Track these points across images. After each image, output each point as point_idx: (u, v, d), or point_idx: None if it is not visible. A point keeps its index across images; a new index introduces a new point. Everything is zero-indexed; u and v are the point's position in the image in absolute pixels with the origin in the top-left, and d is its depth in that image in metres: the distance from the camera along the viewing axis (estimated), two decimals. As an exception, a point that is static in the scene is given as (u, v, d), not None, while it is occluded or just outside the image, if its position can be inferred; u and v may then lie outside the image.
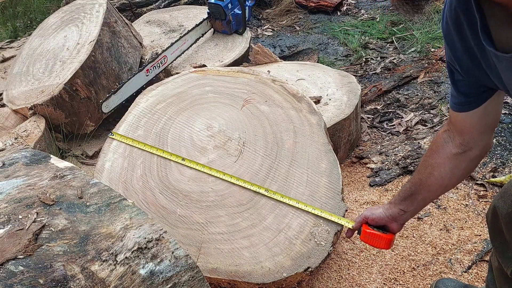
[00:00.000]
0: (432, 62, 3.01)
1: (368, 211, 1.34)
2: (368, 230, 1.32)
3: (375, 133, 2.52)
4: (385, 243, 1.30)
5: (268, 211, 1.54)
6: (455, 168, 1.14)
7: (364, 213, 1.34)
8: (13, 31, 4.20)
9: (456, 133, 1.11)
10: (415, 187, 1.22)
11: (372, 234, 1.31)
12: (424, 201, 1.25)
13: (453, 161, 1.14)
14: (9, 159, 1.23)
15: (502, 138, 2.20)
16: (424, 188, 1.20)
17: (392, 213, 1.27)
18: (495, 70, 0.89)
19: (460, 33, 0.91)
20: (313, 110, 1.80)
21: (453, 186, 1.22)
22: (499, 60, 0.84)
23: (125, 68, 2.66)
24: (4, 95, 2.65)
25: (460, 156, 1.13)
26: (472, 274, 1.65)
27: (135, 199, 1.62)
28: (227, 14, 2.91)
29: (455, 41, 0.94)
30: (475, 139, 1.10)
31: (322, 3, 4.06)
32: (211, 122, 1.81)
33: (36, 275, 0.89)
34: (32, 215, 1.00)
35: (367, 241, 1.33)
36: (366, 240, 1.33)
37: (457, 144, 1.12)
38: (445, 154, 1.14)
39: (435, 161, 1.16)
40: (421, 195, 1.22)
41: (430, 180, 1.18)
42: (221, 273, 1.42)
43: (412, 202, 1.24)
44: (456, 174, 1.16)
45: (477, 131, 1.08)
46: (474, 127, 1.07)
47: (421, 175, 1.20)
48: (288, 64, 2.75)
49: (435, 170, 1.16)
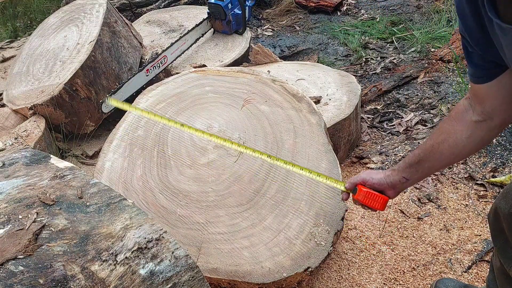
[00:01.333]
0: (432, 62, 3.01)
1: (366, 174, 1.29)
2: (365, 189, 1.28)
3: (375, 133, 2.52)
4: (381, 203, 1.27)
5: (268, 211, 1.54)
6: (472, 136, 1.11)
7: (362, 176, 1.30)
8: (13, 31, 4.20)
9: (477, 102, 1.08)
10: (425, 153, 1.18)
11: (368, 193, 1.27)
12: (429, 170, 1.21)
13: (471, 128, 1.10)
14: (9, 159, 1.23)
15: (502, 138, 2.20)
16: (434, 155, 1.16)
17: (393, 180, 1.24)
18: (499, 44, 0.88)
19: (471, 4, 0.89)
20: (313, 110, 1.80)
21: (464, 156, 1.19)
22: (504, 33, 0.83)
23: (125, 68, 2.66)
24: (4, 95, 2.65)
25: (479, 124, 1.10)
26: (472, 274, 1.65)
27: (135, 199, 1.62)
28: (227, 14, 2.91)
29: (466, 13, 0.92)
30: (495, 109, 1.06)
31: (322, 3, 4.06)
32: (211, 122, 1.80)
33: (36, 275, 0.89)
34: (32, 215, 1.00)
35: (362, 199, 1.28)
36: (361, 198, 1.28)
37: (478, 112, 1.09)
38: (464, 121, 1.11)
39: (452, 127, 1.13)
40: (429, 162, 1.18)
41: (443, 147, 1.14)
42: (221, 273, 1.42)
43: (417, 169, 1.20)
44: (471, 143, 1.12)
45: (498, 102, 1.05)
46: (494, 97, 1.05)
47: (433, 141, 1.16)
48: (288, 64, 2.75)
49: (451, 136, 1.13)
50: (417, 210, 1.95)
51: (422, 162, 1.19)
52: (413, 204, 1.98)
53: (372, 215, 1.93)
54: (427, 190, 2.04)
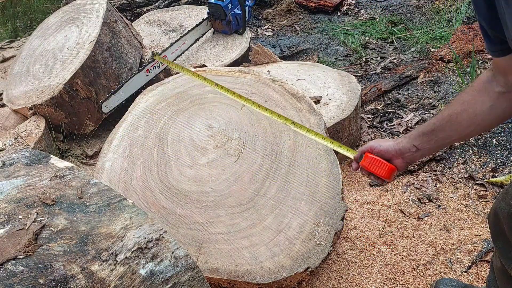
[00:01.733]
0: (432, 62, 3.01)
1: (375, 142, 1.25)
2: (371, 155, 1.22)
3: (375, 133, 2.52)
4: (388, 172, 1.21)
5: (268, 211, 1.54)
6: (494, 107, 1.07)
7: (370, 143, 1.25)
8: (13, 31, 4.20)
9: (499, 73, 1.06)
10: (441, 122, 1.12)
11: (375, 159, 1.22)
12: (443, 141, 1.16)
13: (493, 99, 1.07)
14: (9, 159, 1.23)
15: (502, 138, 2.21)
16: (451, 125, 1.11)
17: (403, 148, 1.18)
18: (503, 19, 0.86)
19: None
20: (313, 110, 1.80)
21: (482, 129, 1.14)
22: (508, 4, 0.82)
23: (125, 68, 2.66)
24: (4, 95, 2.65)
25: (502, 95, 1.06)
26: (472, 274, 1.65)
27: (135, 199, 1.62)
28: (227, 14, 2.91)
29: None
30: None
31: (322, 3, 4.06)
32: (211, 122, 1.81)
33: (36, 275, 0.89)
34: (32, 215, 1.00)
35: (368, 165, 1.23)
36: (366, 164, 1.24)
37: (501, 83, 1.05)
38: (486, 91, 1.07)
39: (473, 97, 1.09)
40: (443, 133, 1.13)
41: (462, 117, 1.09)
42: (221, 273, 1.42)
43: (430, 139, 1.15)
44: (492, 114, 1.08)
45: None
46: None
47: (452, 110, 1.11)
48: (288, 64, 2.75)
49: (471, 106, 1.08)
50: (417, 210, 1.95)
51: (437, 131, 1.14)
52: (413, 204, 1.98)
53: (372, 215, 1.93)
54: (427, 190, 2.04)
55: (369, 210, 1.97)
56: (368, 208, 1.98)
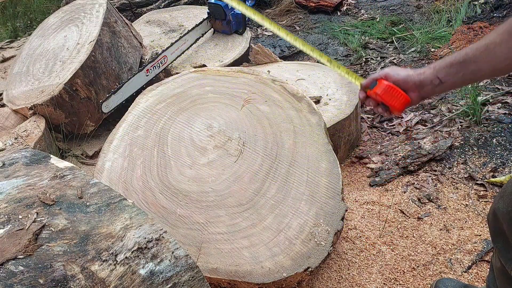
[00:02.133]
0: (432, 62, 3.01)
1: (391, 69, 1.13)
2: (387, 83, 1.11)
3: (375, 133, 2.52)
4: (401, 102, 1.10)
5: (268, 211, 1.54)
6: None
7: (386, 70, 1.13)
8: (13, 31, 4.20)
9: None
10: (474, 53, 1.00)
11: (391, 87, 1.10)
12: (472, 75, 1.03)
13: None
14: (9, 159, 1.23)
15: (502, 138, 2.20)
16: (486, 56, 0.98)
17: (424, 78, 1.06)
18: None
19: None
20: (313, 110, 1.80)
21: None
22: None
23: (125, 68, 2.66)
24: (4, 95, 2.65)
25: None
26: (472, 274, 1.65)
27: (135, 199, 1.62)
28: (227, 14, 2.91)
29: None
30: None
31: (322, 3, 4.06)
32: (211, 122, 1.81)
33: (36, 275, 0.89)
34: (32, 215, 1.00)
35: (381, 93, 1.12)
36: (379, 92, 1.12)
37: None
38: None
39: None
40: (475, 65, 1.00)
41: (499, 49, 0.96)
42: (221, 273, 1.42)
43: (458, 71, 1.02)
44: None
45: None
46: None
47: (489, 41, 0.97)
48: (288, 64, 2.75)
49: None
50: (417, 210, 1.95)
51: (467, 63, 1.01)
52: (413, 204, 1.98)
53: (372, 215, 1.93)
54: (427, 190, 2.04)
55: (369, 210, 1.97)
56: (368, 208, 1.98)
